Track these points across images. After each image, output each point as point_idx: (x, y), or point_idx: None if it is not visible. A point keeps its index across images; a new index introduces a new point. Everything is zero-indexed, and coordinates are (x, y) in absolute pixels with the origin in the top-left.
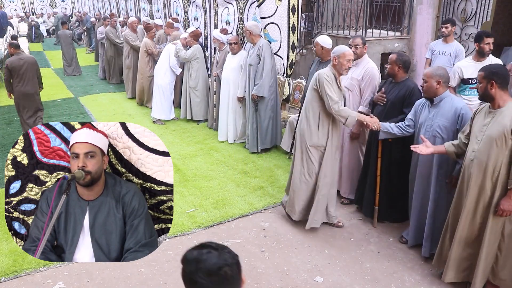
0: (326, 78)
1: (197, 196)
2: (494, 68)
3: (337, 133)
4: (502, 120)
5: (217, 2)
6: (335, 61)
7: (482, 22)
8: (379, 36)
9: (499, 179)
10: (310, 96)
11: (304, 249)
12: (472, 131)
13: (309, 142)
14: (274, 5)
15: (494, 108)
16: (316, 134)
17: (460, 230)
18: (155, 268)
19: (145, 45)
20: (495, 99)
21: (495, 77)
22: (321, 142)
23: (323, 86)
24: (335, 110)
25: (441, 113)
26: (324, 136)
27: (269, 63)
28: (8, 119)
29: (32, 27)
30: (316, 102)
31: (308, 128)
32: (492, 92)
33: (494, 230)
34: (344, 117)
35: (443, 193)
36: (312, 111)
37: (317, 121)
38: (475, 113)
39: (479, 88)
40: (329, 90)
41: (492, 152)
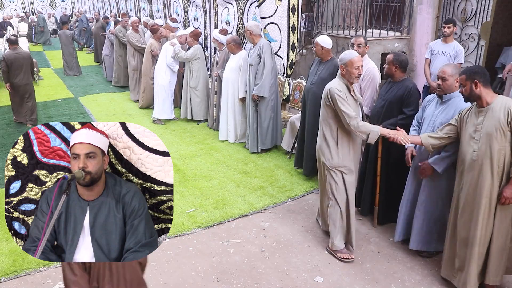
0: (337, 93)
1: (197, 196)
2: (474, 69)
3: (357, 151)
4: (495, 115)
5: (217, 2)
6: (343, 71)
7: (482, 22)
8: (379, 36)
9: (504, 172)
10: (324, 113)
11: (304, 249)
12: (464, 134)
13: (329, 163)
14: (274, 5)
15: (483, 106)
16: (336, 154)
17: (467, 229)
18: (155, 268)
19: (150, 46)
20: (482, 98)
21: (477, 76)
22: (343, 162)
23: (336, 103)
24: (354, 127)
25: (447, 111)
26: (346, 156)
27: (270, 63)
28: (8, 119)
29: (32, 27)
30: (332, 119)
31: (327, 148)
32: (477, 92)
33: (504, 226)
34: (365, 133)
35: (434, 187)
36: (329, 128)
37: (336, 140)
38: (462, 116)
39: (464, 90)
40: (344, 106)
41: (494, 148)
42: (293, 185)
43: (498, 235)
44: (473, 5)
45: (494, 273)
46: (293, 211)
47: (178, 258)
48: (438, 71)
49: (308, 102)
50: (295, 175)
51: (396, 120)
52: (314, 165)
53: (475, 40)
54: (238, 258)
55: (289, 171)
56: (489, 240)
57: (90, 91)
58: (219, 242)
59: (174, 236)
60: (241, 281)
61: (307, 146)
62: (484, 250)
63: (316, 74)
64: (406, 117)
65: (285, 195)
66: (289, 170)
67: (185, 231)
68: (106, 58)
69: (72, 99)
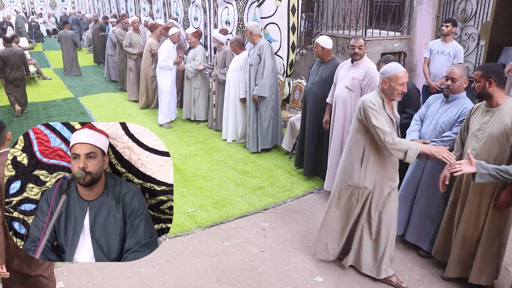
0: (371, 106)
1: (197, 196)
2: (492, 67)
3: (387, 172)
4: (503, 118)
5: (216, 2)
6: (385, 85)
7: (482, 22)
8: (379, 36)
9: None
10: (354, 125)
11: (304, 249)
12: (469, 130)
13: (349, 181)
14: (274, 5)
15: (492, 106)
16: (358, 172)
17: (463, 228)
18: (155, 268)
19: (150, 45)
20: (493, 97)
21: (493, 76)
22: (364, 183)
23: (369, 117)
24: (389, 144)
25: (450, 110)
26: (369, 176)
27: (270, 63)
28: (8, 119)
29: (32, 27)
30: (360, 134)
31: (350, 166)
32: (490, 91)
33: (495, 226)
34: (402, 150)
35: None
36: (355, 143)
37: (361, 157)
38: (471, 112)
39: (477, 87)
40: (377, 121)
41: (494, 150)
42: (293, 185)
43: (487, 235)
44: (473, 5)
45: (477, 271)
46: (293, 211)
47: (178, 258)
48: (448, 72)
49: (308, 102)
50: (295, 175)
51: (399, 119)
52: (314, 165)
53: (475, 40)
54: (238, 258)
55: (289, 171)
56: (478, 239)
57: (90, 91)
58: (219, 242)
59: (174, 236)
60: (241, 281)
61: (308, 146)
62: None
63: (317, 74)
64: (409, 116)
65: (285, 195)
66: (289, 170)
67: (185, 231)
68: (110, 58)
69: (72, 99)
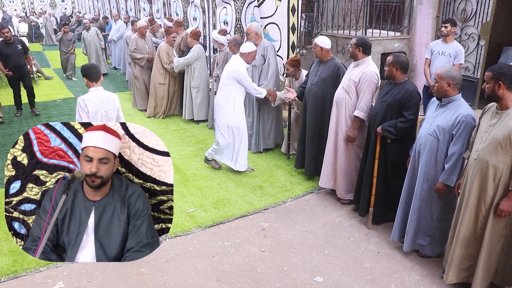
0: None
1: (197, 196)
2: (502, 69)
3: None
4: (508, 123)
5: (215, 2)
6: None
7: (482, 22)
8: (379, 36)
9: (502, 180)
10: None
11: (304, 249)
12: (478, 129)
13: None
14: (274, 5)
15: (501, 109)
16: None
17: (462, 230)
18: (155, 268)
19: (164, 51)
20: (503, 100)
21: (503, 78)
22: None
23: None
24: None
25: (444, 114)
26: None
27: (274, 64)
28: (8, 119)
29: (32, 27)
30: None
31: None
32: (499, 93)
33: (495, 230)
34: None
35: (429, 191)
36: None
37: None
38: (484, 111)
39: (487, 88)
40: None
41: (496, 154)
42: (293, 185)
43: (490, 239)
44: (473, 5)
45: (480, 279)
46: (293, 211)
47: (178, 258)
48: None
49: (308, 102)
50: (295, 175)
51: (396, 122)
52: (316, 166)
53: (475, 40)
54: (238, 258)
55: (289, 171)
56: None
57: None
58: (219, 242)
59: (174, 236)
60: (241, 281)
61: (308, 147)
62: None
63: (317, 74)
64: (406, 121)
65: (285, 195)
66: (289, 170)
67: (185, 231)
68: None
69: (72, 99)
